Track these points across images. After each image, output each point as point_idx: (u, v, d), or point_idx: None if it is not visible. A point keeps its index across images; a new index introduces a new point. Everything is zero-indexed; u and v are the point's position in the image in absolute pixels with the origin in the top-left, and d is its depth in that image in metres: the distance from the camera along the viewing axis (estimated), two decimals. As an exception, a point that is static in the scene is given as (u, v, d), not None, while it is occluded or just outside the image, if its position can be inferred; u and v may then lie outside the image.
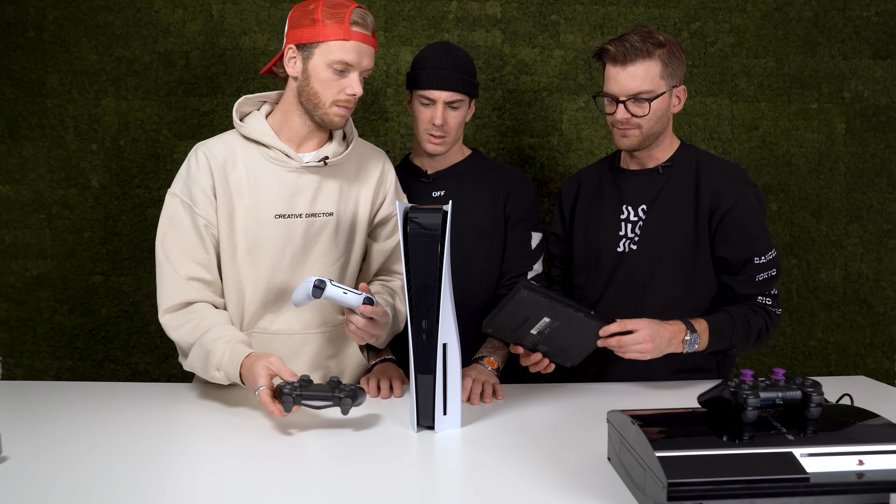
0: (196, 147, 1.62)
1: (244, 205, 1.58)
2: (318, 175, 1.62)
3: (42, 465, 1.19)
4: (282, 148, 1.59)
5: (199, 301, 1.57)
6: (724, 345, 1.61)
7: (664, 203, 1.68)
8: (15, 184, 2.38)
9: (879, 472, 0.94)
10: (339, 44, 1.51)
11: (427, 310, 1.33)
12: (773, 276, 1.67)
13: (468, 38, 2.36)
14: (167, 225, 1.59)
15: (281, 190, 1.59)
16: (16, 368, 2.42)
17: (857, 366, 2.46)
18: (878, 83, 2.42)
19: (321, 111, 1.57)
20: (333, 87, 1.54)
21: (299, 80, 1.57)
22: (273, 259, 1.60)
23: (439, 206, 1.35)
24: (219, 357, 1.45)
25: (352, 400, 1.35)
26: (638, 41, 1.58)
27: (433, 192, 1.87)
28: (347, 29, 1.51)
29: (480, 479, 1.15)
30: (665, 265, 1.67)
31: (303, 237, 1.61)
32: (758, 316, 1.65)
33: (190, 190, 1.58)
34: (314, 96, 1.56)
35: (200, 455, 1.27)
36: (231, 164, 1.59)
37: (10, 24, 2.35)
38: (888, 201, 2.44)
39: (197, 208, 1.57)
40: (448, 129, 1.79)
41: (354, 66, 1.54)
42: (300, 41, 1.54)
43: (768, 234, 1.68)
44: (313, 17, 1.52)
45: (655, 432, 1.02)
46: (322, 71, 1.53)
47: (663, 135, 1.69)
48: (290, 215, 1.60)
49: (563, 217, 1.84)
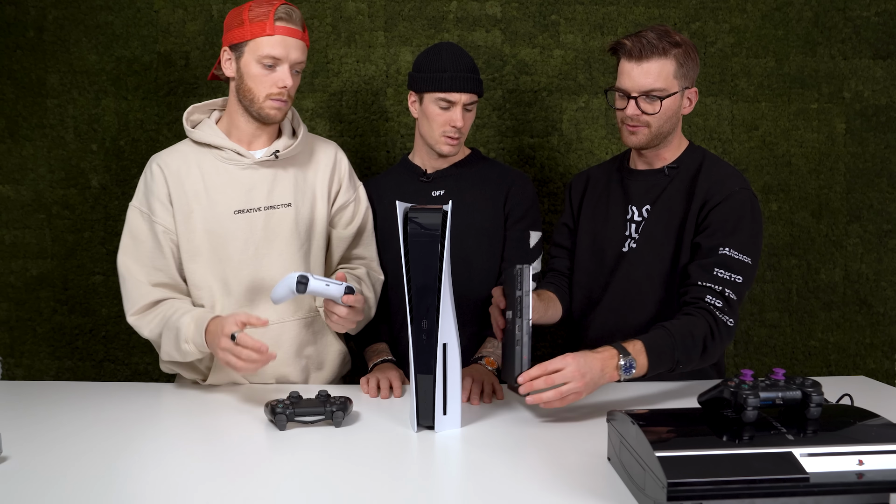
0: (151, 159, 1.71)
1: (202, 206, 1.66)
2: (271, 169, 1.70)
3: (42, 465, 1.19)
4: (233, 147, 1.67)
5: (164, 299, 1.65)
6: (668, 363, 1.45)
7: (664, 203, 1.68)
8: (15, 184, 2.38)
9: (879, 472, 0.94)
10: (265, 39, 1.59)
11: (427, 310, 1.33)
12: (736, 283, 1.53)
13: (468, 38, 2.36)
14: (128, 237, 1.68)
15: (237, 187, 1.67)
16: (16, 368, 2.42)
17: (857, 366, 2.46)
18: (878, 83, 2.42)
19: (256, 106, 1.64)
20: (265, 81, 1.61)
21: (236, 79, 1.66)
22: (238, 254, 1.67)
23: (439, 206, 1.35)
24: (185, 330, 1.54)
25: (343, 412, 1.38)
26: (655, 38, 1.57)
27: (433, 191, 1.87)
28: (272, 24, 1.59)
29: (480, 479, 1.15)
30: (660, 265, 1.66)
31: (264, 229, 1.68)
32: (700, 321, 1.49)
33: (147, 200, 1.67)
34: (249, 92, 1.63)
35: (200, 455, 1.27)
36: (185, 170, 1.67)
37: (10, 24, 2.35)
38: (888, 201, 2.44)
39: (155, 216, 1.66)
40: (465, 129, 1.82)
41: (282, 60, 1.61)
42: (232, 42, 1.63)
43: (748, 241, 1.57)
44: (241, 17, 1.61)
45: (655, 432, 1.02)
46: (252, 67, 1.61)
47: (672, 135, 1.68)
48: (248, 210, 1.67)
49: (572, 210, 1.85)
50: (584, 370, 1.36)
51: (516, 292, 1.40)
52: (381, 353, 1.79)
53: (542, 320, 1.68)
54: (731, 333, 1.54)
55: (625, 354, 1.41)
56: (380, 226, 1.89)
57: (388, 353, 1.80)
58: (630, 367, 1.40)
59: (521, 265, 1.40)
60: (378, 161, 2.39)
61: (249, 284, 1.68)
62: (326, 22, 2.35)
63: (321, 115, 2.37)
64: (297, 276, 1.49)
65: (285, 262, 1.69)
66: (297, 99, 2.35)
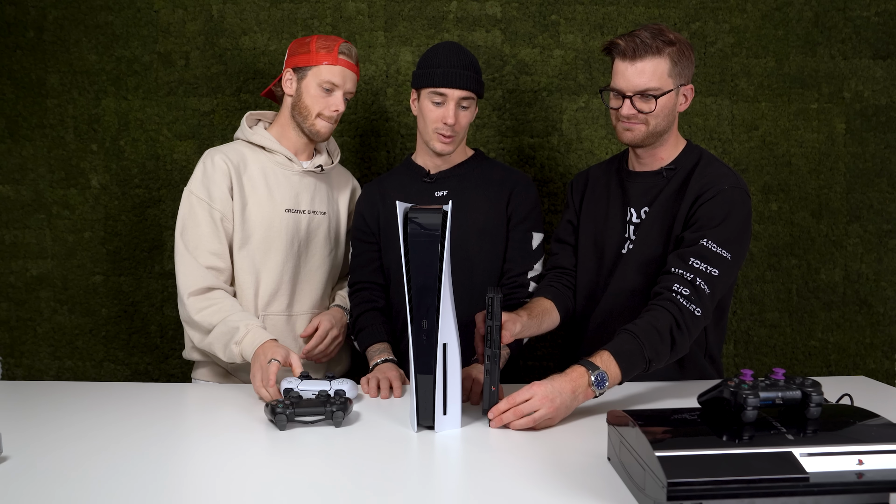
0: (210, 151, 1.87)
1: (258, 199, 1.85)
2: (313, 179, 1.94)
3: (42, 465, 1.19)
4: (285, 153, 1.90)
5: (217, 288, 1.78)
6: (641, 364, 1.45)
7: (661, 204, 1.68)
8: (15, 184, 2.38)
9: (879, 471, 0.94)
10: (328, 67, 1.84)
11: (427, 310, 1.33)
12: (711, 275, 1.51)
13: (468, 38, 2.36)
14: (186, 219, 1.81)
15: (289, 188, 1.89)
16: (16, 368, 2.42)
17: (857, 366, 2.46)
18: (878, 83, 2.42)
19: (309, 122, 1.87)
20: (321, 102, 1.85)
21: (294, 97, 1.88)
22: (285, 247, 1.87)
23: (439, 207, 1.35)
24: (241, 335, 1.65)
25: (343, 412, 1.39)
26: (648, 37, 1.57)
27: (436, 191, 1.88)
28: (336, 56, 1.84)
29: (480, 479, 1.15)
30: (657, 266, 1.66)
31: (306, 230, 1.91)
32: (663, 314, 1.48)
33: (207, 188, 1.81)
34: (304, 109, 1.87)
35: (200, 455, 1.27)
36: (243, 165, 1.87)
37: (10, 24, 2.35)
38: (888, 201, 2.44)
39: (214, 203, 1.81)
40: (458, 128, 1.82)
41: (339, 87, 1.85)
42: (297, 65, 1.86)
43: (731, 237, 1.55)
44: (309, 47, 1.85)
45: (655, 432, 1.02)
46: (313, 88, 1.85)
47: (668, 133, 1.68)
48: (296, 210, 1.90)
49: (575, 208, 1.85)
50: (553, 395, 1.36)
51: (487, 321, 1.39)
52: (383, 352, 1.79)
53: (538, 333, 1.69)
54: (699, 323, 1.51)
55: (593, 369, 1.40)
56: (383, 226, 1.89)
57: (389, 352, 1.80)
58: (602, 380, 1.40)
59: (493, 294, 1.38)
60: (378, 161, 2.39)
61: (290, 277, 1.88)
62: (326, 22, 2.35)
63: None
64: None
65: (319, 261, 1.94)
66: (297, 99, 2.36)
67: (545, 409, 1.35)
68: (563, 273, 1.82)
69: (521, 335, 1.60)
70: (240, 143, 1.92)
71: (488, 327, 1.38)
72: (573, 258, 1.82)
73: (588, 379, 1.40)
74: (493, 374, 1.38)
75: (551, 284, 1.80)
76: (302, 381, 1.54)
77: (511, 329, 1.53)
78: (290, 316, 1.89)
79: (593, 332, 1.74)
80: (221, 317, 1.71)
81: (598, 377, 1.40)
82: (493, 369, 1.38)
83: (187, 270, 1.77)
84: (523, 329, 1.58)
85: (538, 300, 1.74)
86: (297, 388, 1.52)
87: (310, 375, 1.58)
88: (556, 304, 1.75)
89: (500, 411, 1.37)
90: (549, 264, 1.86)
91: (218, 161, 1.83)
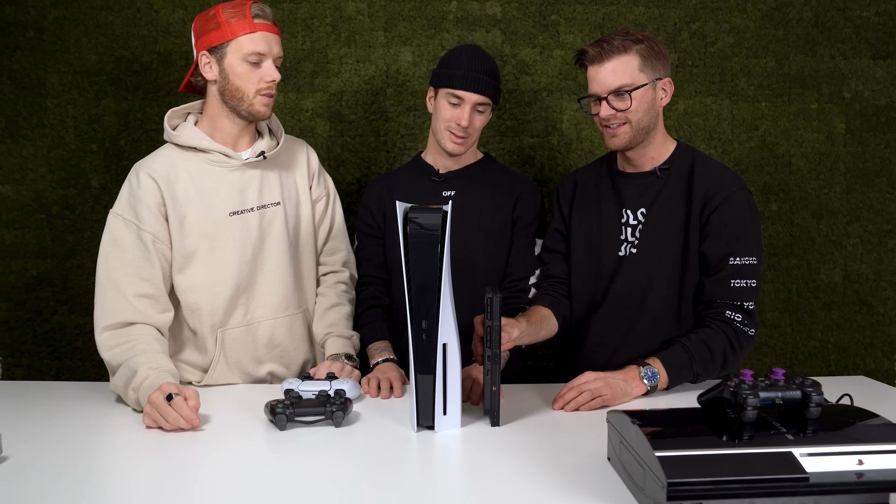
0: (135, 167, 1.69)
1: (196, 210, 1.66)
2: (258, 169, 1.73)
3: (42, 465, 1.19)
4: (220, 149, 1.69)
5: (140, 323, 1.59)
6: (689, 375, 1.58)
7: (662, 206, 1.68)
8: (15, 184, 2.38)
9: (879, 471, 0.94)
10: (247, 37, 1.62)
11: (427, 310, 1.34)
12: (752, 288, 1.61)
13: (468, 38, 2.36)
14: (110, 245, 1.63)
15: (229, 189, 1.69)
16: (16, 368, 2.42)
17: (857, 366, 2.46)
18: (878, 83, 2.42)
19: (246, 104, 1.67)
20: (252, 77, 1.64)
21: (218, 81, 1.67)
22: (237, 255, 1.69)
23: (439, 207, 1.35)
24: (139, 379, 1.45)
25: (343, 412, 1.39)
26: (614, 39, 1.61)
27: (444, 191, 1.89)
28: (251, 22, 1.63)
29: (480, 479, 1.15)
30: (664, 268, 1.66)
31: (258, 229, 1.72)
32: (719, 335, 1.59)
33: (134, 208, 1.63)
34: (237, 91, 1.66)
35: (200, 454, 1.27)
36: (174, 176, 1.67)
37: (10, 24, 2.35)
38: (888, 201, 2.44)
39: (143, 224, 1.63)
40: (471, 130, 1.83)
41: (266, 55, 1.65)
42: (210, 45, 1.65)
43: (752, 241, 1.63)
44: (217, 20, 1.63)
45: (655, 432, 1.02)
46: (238, 66, 1.64)
47: (654, 131, 1.68)
48: (242, 211, 1.70)
49: (562, 215, 1.84)
50: (607, 379, 1.50)
51: (486, 321, 1.40)
52: (383, 351, 1.79)
53: (536, 340, 1.69)
54: (752, 341, 1.63)
55: (644, 365, 1.54)
56: (389, 221, 1.90)
57: (390, 351, 1.80)
58: (653, 375, 1.53)
59: (492, 294, 1.38)
60: (378, 161, 2.39)
61: (246, 284, 1.71)
62: (326, 22, 2.35)
63: (321, 115, 2.37)
64: None
65: (277, 259, 1.74)
66: (297, 99, 2.36)
67: (599, 383, 1.49)
68: (556, 282, 1.81)
69: (520, 341, 1.59)
70: (168, 147, 1.72)
71: (488, 327, 1.39)
72: (565, 266, 1.82)
73: (638, 371, 1.53)
74: (493, 375, 1.38)
75: (547, 293, 1.79)
76: (302, 381, 1.54)
77: (510, 333, 1.53)
78: (249, 325, 1.72)
79: (596, 336, 1.74)
80: (127, 357, 1.51)
81: (648, 371, 1.53)
82: (493, 369, 1.38)
83: (106, 303, 1.58)
84: (521, 335, 1.58)
85: (536, 308, 1.74)
86: (297, 388, 1.52)
87: (310, 376, 1.57)
88: (553, 313, 1.74)
89: (562, 397, 1.49)
90: (542, 274, 1.86)
91: (143, 178, 1.64)
